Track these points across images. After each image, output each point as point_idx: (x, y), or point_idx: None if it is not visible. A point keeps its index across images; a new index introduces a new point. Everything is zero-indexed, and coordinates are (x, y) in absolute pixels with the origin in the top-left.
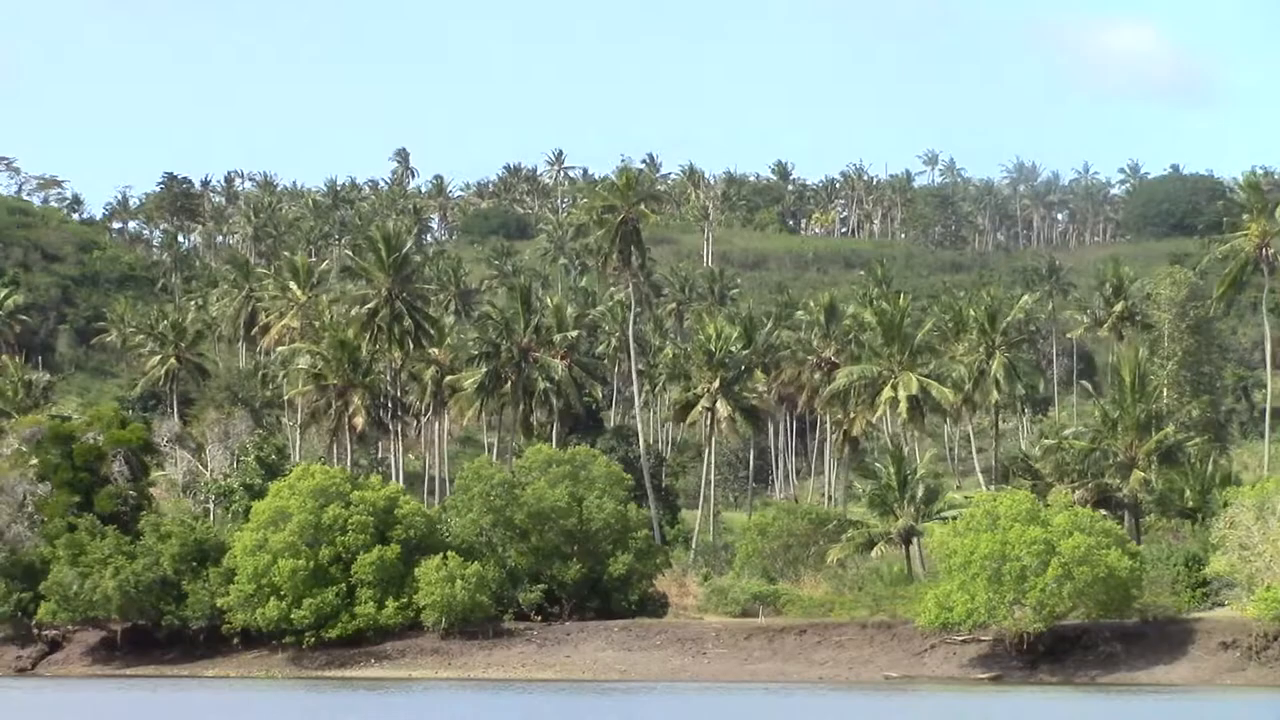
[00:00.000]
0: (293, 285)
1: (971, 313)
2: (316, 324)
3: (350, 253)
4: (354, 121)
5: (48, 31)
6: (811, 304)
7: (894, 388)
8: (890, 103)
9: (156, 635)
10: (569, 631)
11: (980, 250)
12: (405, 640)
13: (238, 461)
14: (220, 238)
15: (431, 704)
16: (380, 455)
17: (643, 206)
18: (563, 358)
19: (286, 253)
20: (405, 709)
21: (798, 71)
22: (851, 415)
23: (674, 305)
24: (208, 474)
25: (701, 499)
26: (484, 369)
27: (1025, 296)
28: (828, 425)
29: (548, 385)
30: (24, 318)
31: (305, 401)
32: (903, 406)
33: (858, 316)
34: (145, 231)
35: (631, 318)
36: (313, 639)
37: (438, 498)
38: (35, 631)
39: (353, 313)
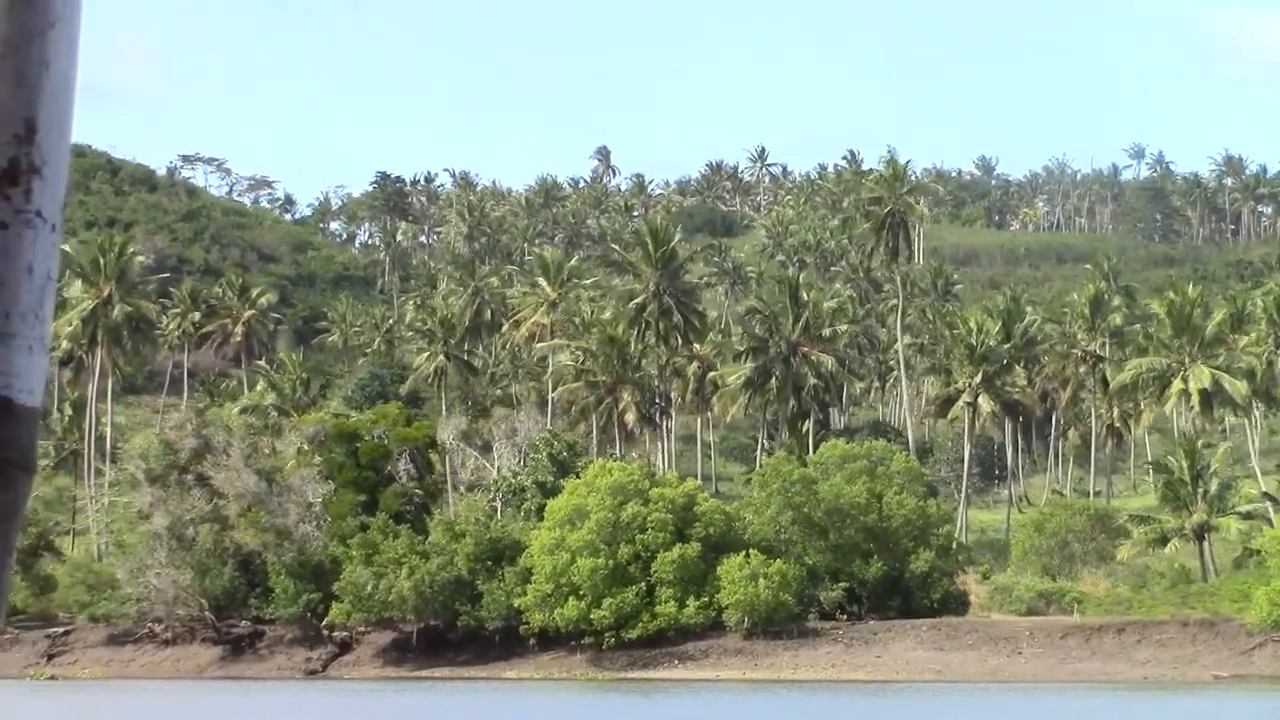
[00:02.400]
0: (543, 281)
1: (1260, 303)
2: (577, 320)
3: (617, 247)
4: (551, 119)
5: (247, 35)
6: (1075, 296)
7: (1184, 380)
8: (1092, 97)
9: (450, 636)
10: (875, 631)
11: (1191, 244)
12: (707, 640)
13: (527, 459)
14: (422, 237)
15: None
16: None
17: (910, 199)
18: (822, 352)
19: (539, 249)
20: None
21: (997, 66)
22: (1139, 408)
23: (895, 301)
24: (495, 471)
25: (963, 496)
26: (751, 364)
27: None
28: (1063, 420)
29: (816, 381)
30: (276, 315)
31: (573, 397)
32: (1194, 399)
33: (1128, 308)
34: (352, 230)
35: (899, 313)
36: (612, 639)
37: None
38: (325, 633)
39: (620, 308)
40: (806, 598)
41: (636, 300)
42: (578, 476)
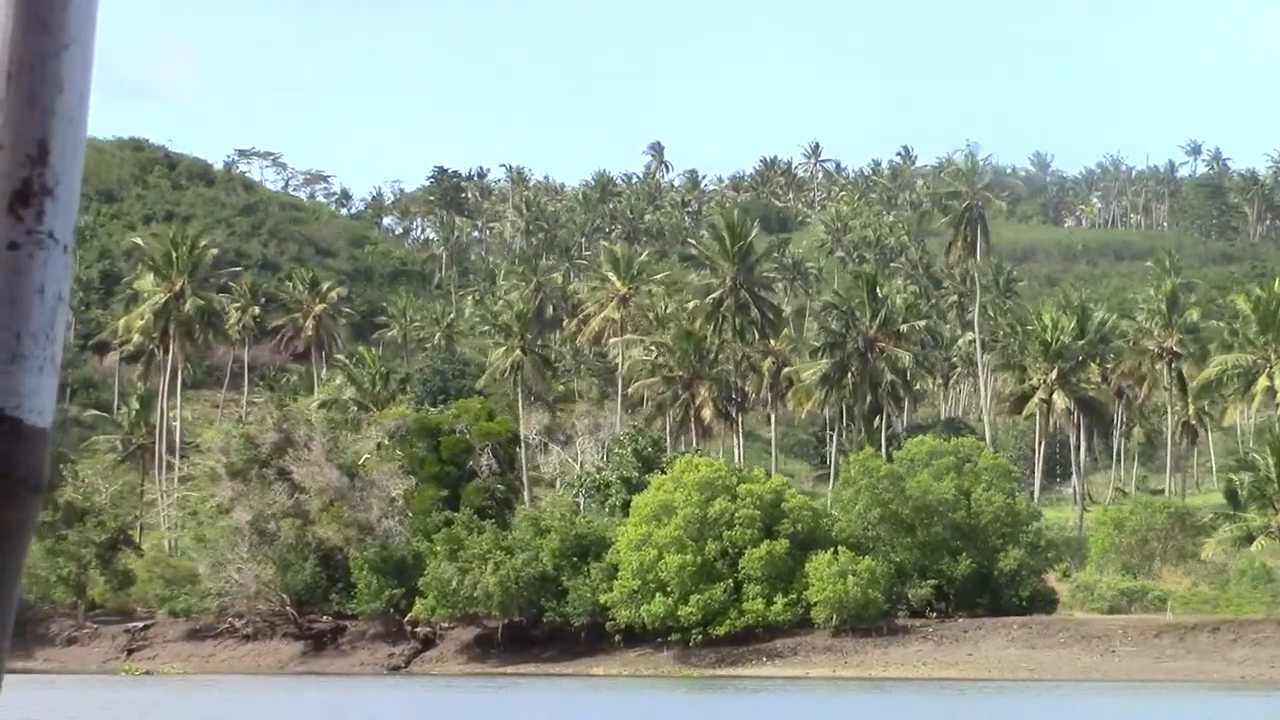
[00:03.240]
0: (612, 276)
1: None
2: (651, 315)
3: (694, 242)
4: (604, 116)
5: (300, 30)
6: (1152, 292)
7: (1270, 376)
8: (1148, 94)
9: (534, 632)
10: (965, 629)
11: (1249, 241)
12: (795, 638)
13: (609, 454)
14: (475, 232)
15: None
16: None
17: (987, 193)
18: (897, 347)
19: (605, 243)
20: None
21: (1050, 62)
22: (1215, 405)
23: (955, 298)
24: (578, 467)
25: (1036, 493)
26: (827, 360)
27: None
28: (1122, 417)
29: (893, 377)
30: (348, 310)
31: (649, 393)
32: None
33: (1203, 305)
34: (408, 225)
35: (976, 308)
36: (700, 636)
37: None
38: (408, 628)
39: (695, 303)
40: (895, 595)
41: (714, 295)
42: (662, 472)
